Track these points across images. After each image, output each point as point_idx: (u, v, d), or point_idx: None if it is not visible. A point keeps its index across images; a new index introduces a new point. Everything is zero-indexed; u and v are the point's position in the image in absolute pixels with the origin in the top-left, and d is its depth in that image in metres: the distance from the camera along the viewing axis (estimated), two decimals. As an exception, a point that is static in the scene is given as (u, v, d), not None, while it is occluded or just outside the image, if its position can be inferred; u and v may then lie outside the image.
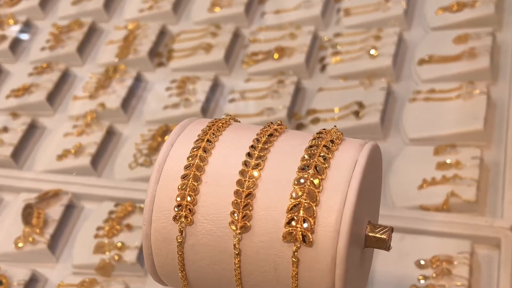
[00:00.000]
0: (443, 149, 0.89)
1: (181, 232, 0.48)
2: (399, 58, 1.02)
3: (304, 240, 0.45)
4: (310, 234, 0.45)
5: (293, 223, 0.45)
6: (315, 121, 0.97)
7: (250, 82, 1.05)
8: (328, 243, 0.44)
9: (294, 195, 0.45)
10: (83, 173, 0.96)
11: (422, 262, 0.78)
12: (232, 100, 1.03)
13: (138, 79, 1.11)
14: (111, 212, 0.90)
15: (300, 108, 1.02)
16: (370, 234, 0.48)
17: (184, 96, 1.06)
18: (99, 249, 0.86)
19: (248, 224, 0.46)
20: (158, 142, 0.99)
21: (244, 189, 0.46)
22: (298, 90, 1.03)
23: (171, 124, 1.01)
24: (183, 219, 0.48)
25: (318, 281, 0.45)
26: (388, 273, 0.78)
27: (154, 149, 0.98)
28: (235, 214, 0.46)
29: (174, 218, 0.48)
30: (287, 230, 0.45)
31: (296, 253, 0.45)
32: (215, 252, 0.47)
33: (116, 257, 0.85)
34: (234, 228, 0.46)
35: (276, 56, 1.06)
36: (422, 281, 0.76)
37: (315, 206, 0.45)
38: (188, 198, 0.47)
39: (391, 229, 0.48)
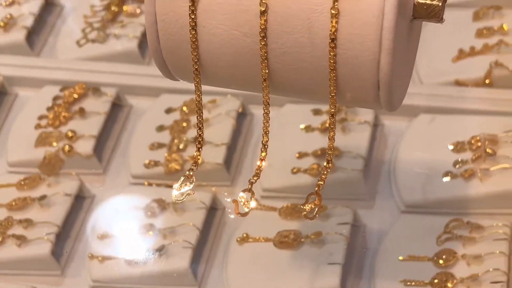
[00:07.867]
0: (484, 12, 0.85)
1: None
2: None
3: None
4: None
5: None
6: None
7: None
8: None
9: None
10: (17, 52, 0.92)
11: (458, 144, 0.74)
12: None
13: None
14: (56, 98, 0.86)
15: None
16: (420, 0, 0.47)
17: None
18: (42, 140, 0.81)
19: None
20: (114, 14, 0.93)
21: None
22: None
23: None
24: None
25: (361, 39, 0.43)
26: (417, 160, 0.76)
27: (110, 22, 0.93)
28: None
29: None
30: None
31: (336, 3, 0.43)
32: (236, 13, 0.46)
33: (67, 148, 0.80)
34: None
35: None
36: (458, 167, 0.73)
37: None
38: None
39: None
